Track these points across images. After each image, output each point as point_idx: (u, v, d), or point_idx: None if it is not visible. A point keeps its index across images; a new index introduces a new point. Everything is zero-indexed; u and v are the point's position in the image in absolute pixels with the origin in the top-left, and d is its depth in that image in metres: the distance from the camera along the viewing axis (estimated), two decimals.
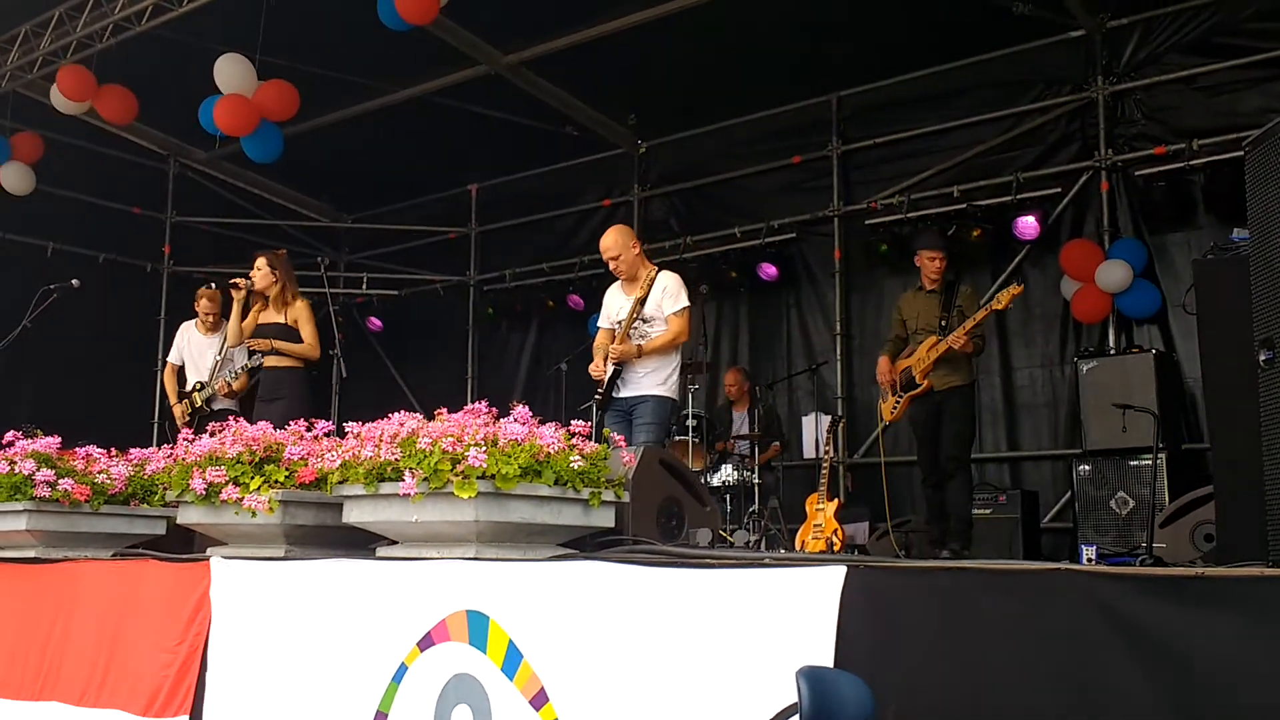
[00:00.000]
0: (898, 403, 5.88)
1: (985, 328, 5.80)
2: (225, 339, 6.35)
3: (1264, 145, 2.56)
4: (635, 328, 4.95)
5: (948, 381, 5.71)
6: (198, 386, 6.42)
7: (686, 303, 4.99)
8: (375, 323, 10.45)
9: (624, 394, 4.98)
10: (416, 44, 7.41)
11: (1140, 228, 7.14)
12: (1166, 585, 2.19)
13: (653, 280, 4.97)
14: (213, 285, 6.77)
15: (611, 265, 5.11)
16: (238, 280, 5.84)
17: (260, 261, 5.90)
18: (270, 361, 5.82)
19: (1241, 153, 2.70)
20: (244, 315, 5.85)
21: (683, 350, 5.66)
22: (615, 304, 5.18)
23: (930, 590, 2.48)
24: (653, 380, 4.94)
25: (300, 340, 5.80)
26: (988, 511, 6.36)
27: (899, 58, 7.79)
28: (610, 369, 4.95)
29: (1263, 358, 2.40)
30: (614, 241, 5.08)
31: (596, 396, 5.00)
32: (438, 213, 10.48)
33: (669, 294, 4.97)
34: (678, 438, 6.86)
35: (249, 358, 6.17)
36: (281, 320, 5.84)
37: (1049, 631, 2.27)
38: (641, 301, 4.95)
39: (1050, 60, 7.47)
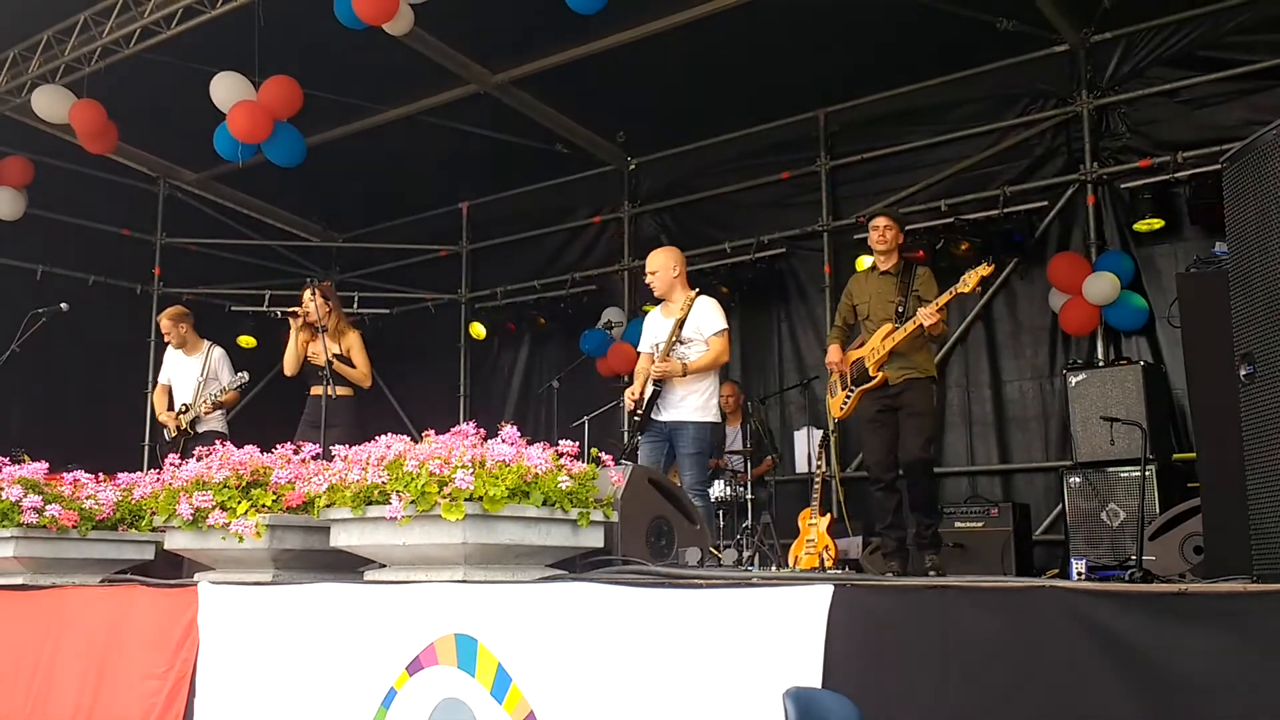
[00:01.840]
0: (848, 397, 5.34)
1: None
2: (206, 359, 6.43)
3: (1241, 160, 2.57)
4: (674, 349, 5.07)
5: (904, 374, 5.18)
6: (182, 409, 6.44)
7: (725, 325, 5.14)
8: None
9: (663, 416, 5.08)
10: (406, 64, 7.45)
11: (1126, 240, 7.17)
12: (1150, 601, 2.19)
13: (692, 302, 5.11)
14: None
15: (648, 280, 5.34)
16: (295, 310, 6.02)
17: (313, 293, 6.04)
18: (320, 390, 5.90)
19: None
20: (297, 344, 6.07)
21: None
22: (655, 328, 5.30)
23: (917, 608, 2.48)
24: (692, 404, 5.04)
25: (353, 367, 6.03)
26: (980, 524, 6.35)
27: (885, 74, 7.84)
28: (650, 390, 5.05)
29: (1243, 373, 2.41)
30: (656, 259, 5.31)
31: (635, 417, 5.11)
32: (429, 231, 10.48)
33: (707, 316, 5.12)
34: None
35: (233, 375, 6.37)
36: (335, 349, 6.01)
37: (1034, 648, 2.27)
38: (680, 323, 5.07)
39: (1035, 75, 7.51)
